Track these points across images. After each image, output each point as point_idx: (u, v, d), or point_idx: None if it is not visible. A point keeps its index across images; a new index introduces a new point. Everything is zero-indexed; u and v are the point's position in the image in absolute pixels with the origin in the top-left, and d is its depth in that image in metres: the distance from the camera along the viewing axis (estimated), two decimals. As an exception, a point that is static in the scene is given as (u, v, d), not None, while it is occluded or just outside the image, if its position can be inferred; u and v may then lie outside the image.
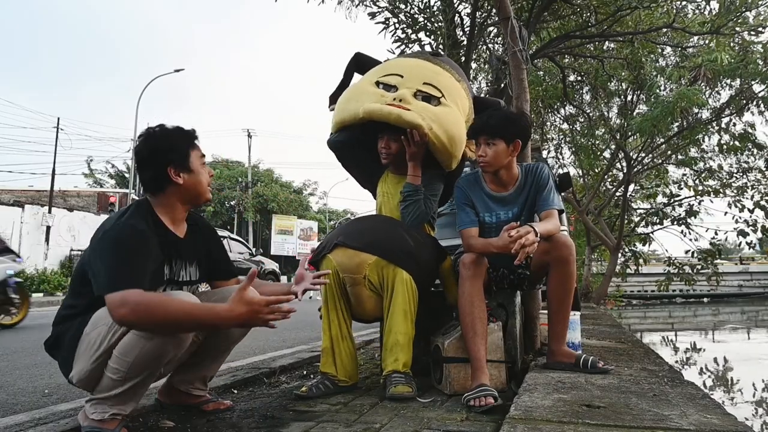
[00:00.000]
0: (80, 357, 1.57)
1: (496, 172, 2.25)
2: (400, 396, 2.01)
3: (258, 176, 30.38)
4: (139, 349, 1.49)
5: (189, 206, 1.81)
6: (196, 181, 1.76)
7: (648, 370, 2.26)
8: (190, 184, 1.75)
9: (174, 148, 1.74)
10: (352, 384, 2.25)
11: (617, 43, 7.53)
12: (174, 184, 1.72)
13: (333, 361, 2.22)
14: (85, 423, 1.57)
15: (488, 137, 2.19)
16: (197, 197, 1.79)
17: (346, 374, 2.23)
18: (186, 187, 1.75)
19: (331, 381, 2.20)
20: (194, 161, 1.76)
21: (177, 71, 20.26)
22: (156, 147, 1.72)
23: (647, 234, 12.97)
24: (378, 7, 5.61)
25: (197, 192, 1.78)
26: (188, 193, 1.76)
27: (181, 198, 1.76)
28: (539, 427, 1.37)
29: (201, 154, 1.80)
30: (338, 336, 2.23)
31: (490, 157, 2.18)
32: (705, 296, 21.84)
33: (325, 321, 2.26)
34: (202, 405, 1.96)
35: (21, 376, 3.01)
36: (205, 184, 1.79)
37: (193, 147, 1.78)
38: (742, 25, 6.87)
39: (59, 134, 19.21)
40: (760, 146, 10.76)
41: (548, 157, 11.97)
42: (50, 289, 14.51)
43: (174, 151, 1.73)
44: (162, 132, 1.76)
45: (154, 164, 1.71)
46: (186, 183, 1.74)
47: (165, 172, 1.71)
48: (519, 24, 3.38)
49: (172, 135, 1.76)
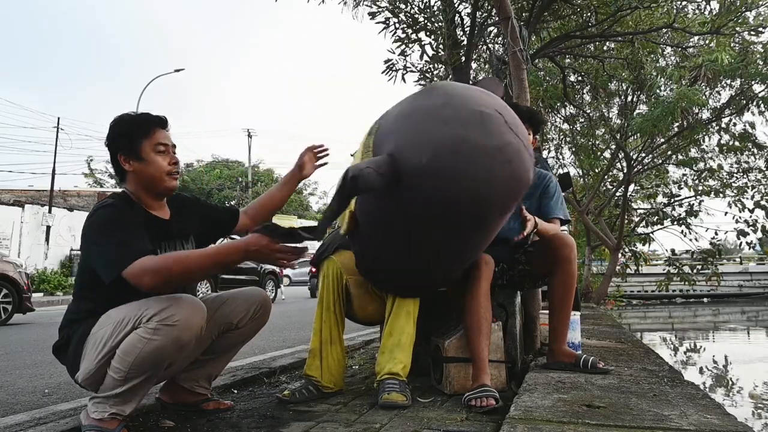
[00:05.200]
0: (86, 357, 1.58)
1: None
2: (392, 404, 1.92)
3: (258, 176, 30.41)
4: (140, 349, 1.50)
5: (152, 195, 1.77)
6: (148, 170, 1.72)
7: (648, 370, 2.26)
8: (141, 172, 1.72)
9: (123, 134, 1.72)
10: (336, 390, 2.19)
11: (617, 44, 7.53)
12: (128, 172, 1.73)
13: (319, 365, 2.15)
14: (86, 422, 1.58)
15: None
16: (153, 185, 1.75)
17: (332, 380, 2.16)
18: (138, 175, 1.73)
19: (315, 386, 2.14)
20: (146, 149, 1.72)
21: (177, 71, 20.28)
22: (110, 135, 1.74)
23: (647, 234, 12.97)
24: (378, 7, 5.61)
25: (151, 180, 1.74)
26: (143, 181, 1.74)
27: (139, 186, 1.75)
28: (539, 427, 1.37)
29: (158, 142, 1.73)
30: (328, 339, 2.17)
31: None
32: (705, 296, 21.82)
33: (317, 321, 2.19)
34: (202, 404, 1.97)
35: (21, 376, 3.01)
36: (159, 172, 1.73)
37: (146, 135, 1.72)
38: (742, 25, 6.87)
39: (59, 134, 19.23)
40: (760, 146, 10.76)
41: (548, 157, 11.95)
42: (50, 288, 14.52)
43: (122, 139, 1.72)
44: (116, 120, 1.76)
45: (109, 152, 1.75)
46: (136, 171, 1.72)
47: (117, 159, 1.73)
48: (519, 24, 3.38)
49: (124, 122, 1.75)
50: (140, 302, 1.56)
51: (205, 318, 1.62)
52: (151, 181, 1.74)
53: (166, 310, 1.51)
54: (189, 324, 1.54)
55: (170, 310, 1.51)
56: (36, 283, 14.01)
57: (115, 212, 1.62)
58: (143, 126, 1.74)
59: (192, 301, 1.59)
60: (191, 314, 1.55)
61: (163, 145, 1.75)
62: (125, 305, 1.58)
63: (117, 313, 1.57)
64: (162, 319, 1.50)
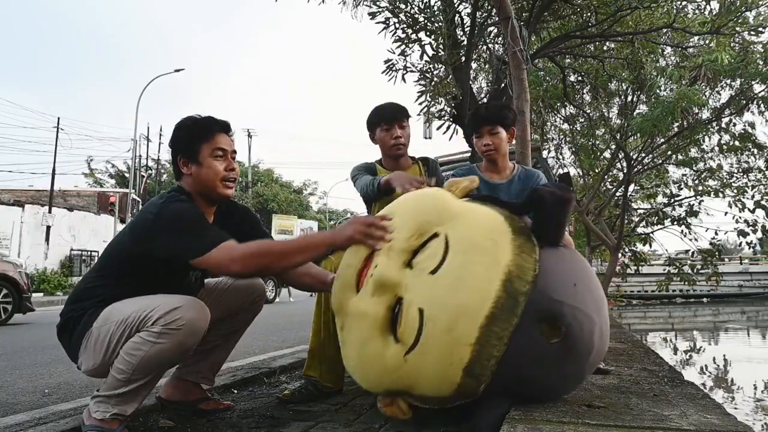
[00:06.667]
0: (90, 351, 1.58)
1: (497, 159, 2.38)
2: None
3: (258, 176, 30.41)
4: (144, 352, 1.50)
5: (206, 199, 1.77)
6: (204, 175, 1.72)
7: (648, 370, 2.26)
8: (198, 177, 1.73)
9: (183, 139, 1.75)
10: (336, 390, 2.18)
11: (617, 44, 7.52)
12: (185, 174, 1.75)
13: (318, 365, 2.14)
14: (87, 422, 1.58)
15: (491, 127, 2.32)
16: (208, 191, 1.75)
17: (331, 380, 2.15)
18: (195, 179, 1.74)
19: (315, 385, 2.13)
20: (204, 154, 1.72)
21: (177, 71, 20.28)
22: (172, 136, 1.77)
23: (647, 234, 12.97)
24: (378, 7, 5.61)
25: (206, 185, 1.74)
26: (198, 185, 1.74)
27: (193, 189, 1.75)
28: (539, 427, 1.37)
29: (217, 147, 1.74)
30: (327, 339, 2.13)
31: (496, 145, 2.32)
32: (705, 296, 21.83)
33: (316, 321, 2.17)
34: (202, 404, 1.97)
35: (21, 376, 3.01)
36: (214, 178, 1.73)
37: (206, 139, 1.73)
38: (742, 25, 6.86)
39: (59, 134, 19.24)
40: (760, 146, 10.76)
41: (548, 157, 11.96)
42: (50, 289, 14.52)
43: (182, 142, 1.75)
44: (181, 122, 1.78)
45: (171, 153, 1.78)
46: (194, 175, 1.73)
47: (176, 161, 1.76)
48: (519, 24, 3.38)
49: (186, 126, 1.76)
50: (145, 300, 1.56)
51: (208, 320, 1.62)
52: (206, 186, 1.74)
53: (171, 313, 1.51)
54: (193, 328, 1.55)
55: (175, 314, 1.51)
56: (36, 283, 14.02)
57: (191, 207, 1.64)
58: (205, 129, 1.75)
59: (196, 304, 1.60)
60: (196, 318, 1.56)
61: (222, 150, 1.74)
62: (131, 300, 1.58)
63: (121, 309, 1.57)
64: (167, 323, 1.50)
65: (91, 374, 1.63)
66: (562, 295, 1.40)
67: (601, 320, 1.51)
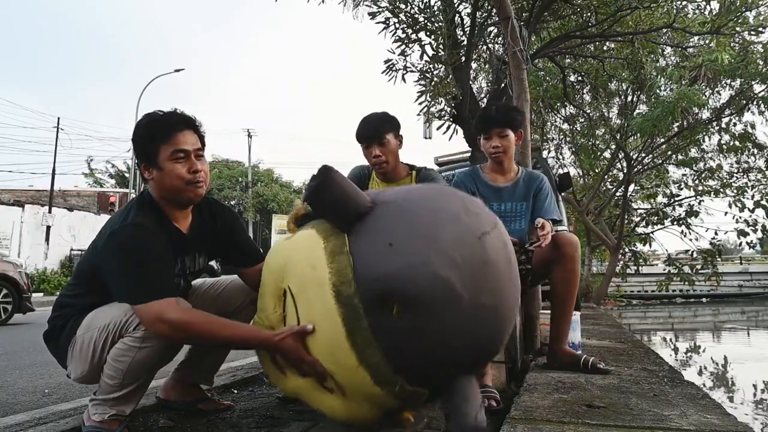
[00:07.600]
0: (77, 359, 1.56)
1: (503, 162, 2.37)
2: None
3: (258, 176, 30.36)
4: (131, 357, 1.49)
5: (174, 205, 1.63)
6: (167, 180, 1.55)
7: (648, 370, 2.26)
8: (160, 182, 1.56)
9: (140, 140, 1.56)
10: None
11: (617, 44, 7.52)
12: (148, 179, 1.59)
13: None
14: (87, 423, 1.58)
15: (500, 129, 2.31)
16: (173, 196, 1.59)
17: None
18: (158, 185, 1.57)
19: None
20: (162, 157, 1.53)
21: (177, 71, 20.26)
22: (132, 137, 1.59)
23: (647, 234, 12.98)
24: (378, 7, 5.60)
25: (170, 191, 1.57)
26: (162, 191, 1.58)
27: (158, 195, 1.60)
28: (539, 427, 1.37)
29: (176, 149, 1.53)
30: None
31: (504, 147, 2.32)
32: (705, 296, 21.81)
33: None
34: (201, 404, 1.96)
35: (21, 376, 3.01)
36: (177, 183, 1.55)
37: (164, 140, 1.53)
38: (742, 25, 6.86)
39: (59, 134, 19.23)
40: (760, 146, 10.78)
41: (548, 157, 11.95)
42: (50, 289, 14.51)
43: (139, 145, 1.57)
44: (139, 121, 1.60)
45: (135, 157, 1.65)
46: (156, 180, 1.56)
47: (139, 164, 1.61)
48: (519, 24, 3.38)
49: (142, 125, 1.58)
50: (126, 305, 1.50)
51: None
52: (170, 191, 1.57)
53: None
54: None
55: None
56: (36, 283, 14.02)
57: (142, 237, 1.47)
58: (162, 129, 1.55)
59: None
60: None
61: (183, 152, 1.54)
62: (111, 306, 1.54)
63: (101, 316, 1.54)
64: None
65: (81, 381, 1.59)
66: (377, 269, 1.27)
67: (438, 248, 1.27)
